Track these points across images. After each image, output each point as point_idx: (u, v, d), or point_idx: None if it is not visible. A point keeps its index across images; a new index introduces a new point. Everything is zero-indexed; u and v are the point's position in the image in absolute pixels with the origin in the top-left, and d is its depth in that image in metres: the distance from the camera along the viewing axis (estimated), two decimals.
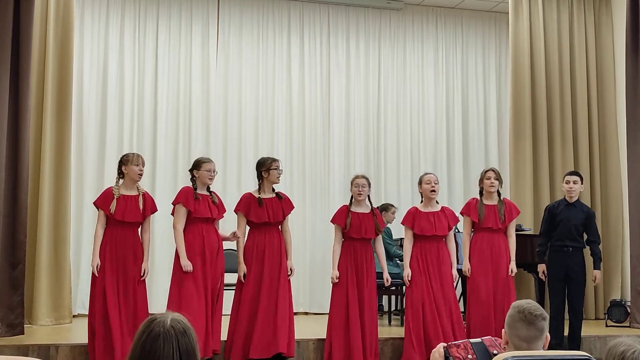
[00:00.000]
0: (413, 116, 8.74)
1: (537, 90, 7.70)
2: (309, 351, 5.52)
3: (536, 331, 2.46)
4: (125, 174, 5.14)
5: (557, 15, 7.88)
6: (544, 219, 5.97)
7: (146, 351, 1.81)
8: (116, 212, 5.02)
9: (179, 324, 1.86)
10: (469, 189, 8.44)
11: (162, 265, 7.42)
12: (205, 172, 5.28)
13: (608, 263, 7.57)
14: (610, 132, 7.79)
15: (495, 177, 5.66)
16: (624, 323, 6.79)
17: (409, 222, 5.56)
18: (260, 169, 5.44)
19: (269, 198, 5.40)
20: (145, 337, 1.82)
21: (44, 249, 6.44)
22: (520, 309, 2.48)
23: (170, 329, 1.83)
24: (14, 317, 5.71)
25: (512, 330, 2.49)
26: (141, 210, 5.12)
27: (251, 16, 8.38)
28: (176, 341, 1.82)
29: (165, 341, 1.81)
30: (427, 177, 5.64)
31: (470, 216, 5.64)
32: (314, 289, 8.04)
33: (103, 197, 5.12)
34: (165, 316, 1.87)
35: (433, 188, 5.56)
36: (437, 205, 5.65)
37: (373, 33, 8.73)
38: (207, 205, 5.24)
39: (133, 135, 7.91)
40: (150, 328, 1.83)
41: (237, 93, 8.26)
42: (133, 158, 5.14)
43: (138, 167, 5.12)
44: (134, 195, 5.14)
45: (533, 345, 2.46)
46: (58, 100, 6.65)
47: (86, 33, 7.84)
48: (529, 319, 2.46)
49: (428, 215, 5.54)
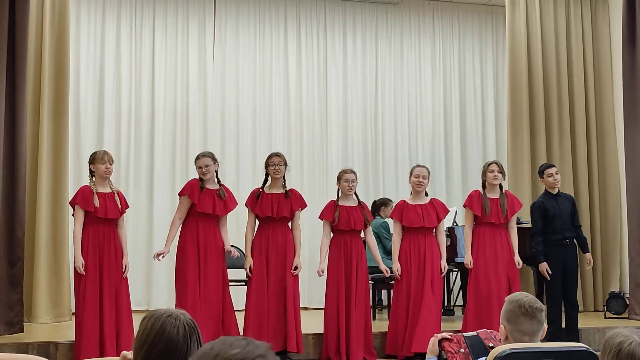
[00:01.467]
0: (411, 110, 8.73)
1: (535, 83, 7.70)
2: (309, 345, 5.53)
3: (538, 324, 2.47)
4: (94, 172, 5.16)
5: (554, 7, 7.88)
6: (536, 217, 5.84)
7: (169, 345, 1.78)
8: (100, 207, 5.03)
9: (191, 318, 1.85)
10: (466, 182, 8.45)
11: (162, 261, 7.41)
12: (197, 168, 5.34)
13: (607, 255, 7.58)
14: (607, 125, 7.79)
15: (499, 169, 5.65)
16: (623, 315, 6.80)
17: (397, 215, 5.57)
18: (265, 164, 5.49)
19: (275, 194, 5.41)
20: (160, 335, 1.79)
21: (42, 246, 6.45)
22: (521, 304, 2.46)
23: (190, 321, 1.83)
24: (13, 315, 5.70)
25: (514, 325, 2.47)
26: (120, 208, 5.15)
27: (248, 12, 8.37)
28: (197, 335, 1.82)
29: (191, 335, 1.80)
30: (416, 170, 5.63)
31: (472, 209, 5.61)
32: (313, 284, 8.02)
33: (82, 195, 5.09)
34: (175, 312, 1.85)
35: (419, 182, 5.56)
36: (425, 197, 5.65)
37: (370, 27, 8.72)
38: (212, 200, 5.26)
39: (130, 132, 7.90)
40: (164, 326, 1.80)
41: (235, 89, 8.25)
42: (99, 156, 5.14)
43: (104, 165, 5.12)
44: (110, 193, 5.16)
45: (535, 338, 2.47)
46: (55, 97, 6.64)
47: (82, 30, 7.83)
48: (530, 312, 2.45)
49: (416, 208, 5.54)
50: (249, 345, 1.24)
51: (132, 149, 7.89)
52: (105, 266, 5.02)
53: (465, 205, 5.71)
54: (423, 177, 5.57)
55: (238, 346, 1.24)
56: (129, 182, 7.77)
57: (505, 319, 2.50)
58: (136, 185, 7.81)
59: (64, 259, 6.59)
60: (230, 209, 5.39)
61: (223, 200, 5.31)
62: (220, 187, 5.36)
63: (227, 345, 1.25)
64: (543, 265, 5.75)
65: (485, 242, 5.58)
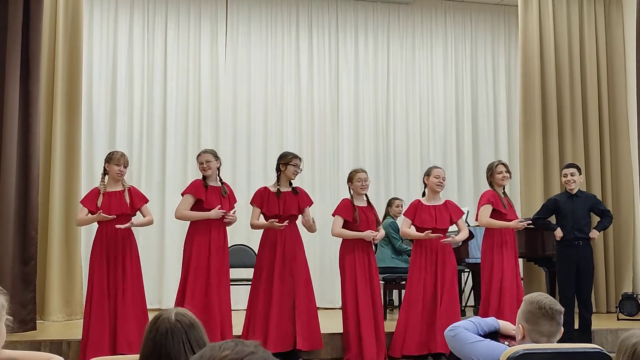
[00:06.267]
0: (422, 110, 8.72)
1: (547, 83, 7.66)
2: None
3: (558, 326, 2.46)
4: (108, 171, 5.20)
5: (567, 7, 7.83)
6: (543, 205, 6.01)
7: (157, 348, 1.83)
8: (102, 207, 5.06)
9: (184, 317, 1.88)
10: (478, 183, 8.41)
11: (171, 260, 7.44)
12: (199, 164, 5.38)
13: (619, 256, 7.54)
14: (621, 125, 7.74)
15: (507, 170, 5.66)
16: (636, 316, 6.75)
17: (411, 214, 5.54)
18: (280, 162, 5.47)
19: (284, 192, 5.42)
20: (154, 335, 1.85)
21: (55, 245, 6.49)
22: (541, 305, 2.44)
23: (176, 323, 1.86)
24: (25, 313, 5.74)
25: (534, 326, 2.45)
26: (128, 204, 5.17)
27: (259, 12, 8.38)
28: (185, 334, 1.84)
29: (174, 335, 1.83)
30: (436, 171, 5.61)
31: (497, 206, 5.56)
32: (324, 283, 8.03)
33: (89, 196, 5.20)
34: (170, 312, 1.90)
35: (439, 182, 5.55)
36: (440, 199, 5.63)
37: (382, 27, 8.71)
38: (218, 197, 5.28)
39: (143, 132, 7.93)
40: (157, 325, 1.87)
41: (246, 88, 8.27)
42: (115, 157, 5.18)
43: (118, 167, 5.16)
44: (119, 191, 5.19)
45: (552, 339, 2.45)
46: (68, 97, 6.68)
47: (95, 30, 7.87)
48: (551, 314, 2.44)
49: (430, 209, 5.53)
50: (237, 346, 1.27)
51: (144, 149, 7.92)
52: (113, 265, 5.04)
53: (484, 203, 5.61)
54: (443, 178, 5.57)
55: (227, 348, 1.27)
56: (140, 181, 7.79)
57: (524, 319, 2.48)
58: (148, 184, 7.84)
59: (77, 258, 6.62)
60: (232, 206, 5.39)
61: (226, 198, 5.33)
62: (222, 185, 5.38)
63: (216, 349, 1.28)
64: (557, 231, 5.78)
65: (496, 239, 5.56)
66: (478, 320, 2.73)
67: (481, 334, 2.66)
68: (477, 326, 2.68)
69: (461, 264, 6.80)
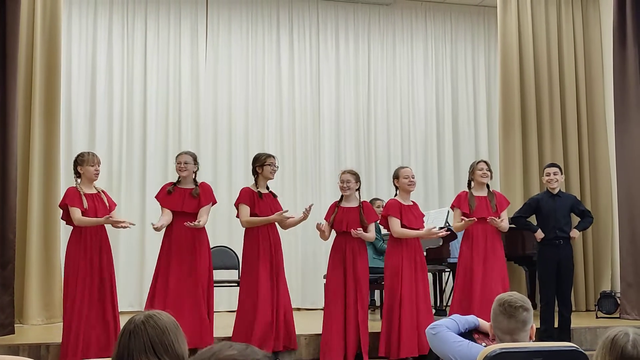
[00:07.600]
0: (403, 111, 8.75)
1: (526, 83, 7.72)
2: (301, 346, 5.52)
3: (517, 323, 2.45)
4: (81, 174, 5.10)
5: (545, 8, 7.90)
6: (525, 204, 6.04)
7: (120, 348, 1.87)
8: (89, 210, 5.00)
9: (152, 319, 1.89)
10: (459, 182, 8.45)
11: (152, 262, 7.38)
12: (177, 164, 5.37)
13: (598, 255, 7.61)
14: (598, 125, 7.82)
15: (487, 168, 5.67)
16: (614, 314, 6.82)
17: (398, 214, 5.50)
18: (255, 165, 5.45)
19: (265, 194, 5.42)
20: (121, 335, 1.90)
21: (34, 248, 6.43)
22: (501, 302, 2.47)
23: (140, 324, 1.88)
24: (4, 316, 5.69)
25: (495, 324, 2.49)
26: (107, 207, 5.14)
27: (240, 13, 8.37)
28: (146, 334, 1.86)
29: (135, 336, 1.86)
30: (404, 171, 5.57)
31: (460, 207, 5.61)
32: (306, 285, 8.04)
33: (71, 196, 5.02)
34: (141, 314, 1.93)
35: (411, 182, 5.54)
36: (409, 199, 5.64)
37: (362, 28, 8.73)
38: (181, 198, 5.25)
39: (123, 133, 7.89)
40: (124, 326, 1.91)
41: (227, 90, 8.25)
42: (89, 158, 5.09)
43: (94, 167, 5.09)
44: (96, 194, 5.14)
45: (516, 337, 2.45)
46: (46, 99, 6.62)
47: (74, 31, 7.82)
48: (509, 311, 2.45)
49: (410, 209, 5.54)
50: (247, 349, 1.30)
51: (124, 150, 7.87)
52: (92, 267, 4.98)
53: (453, 206, 5.68)
54: (412, 176, 5.57)
55: (237, 348, 1.30)
56: (121, 183, 7.76)
57: (491, 318, 2.52)
58: (128, 186, 7.80)
59: (55, 261, 6.56)
60: (203, 204, 5.29)
61: (197, 198, 5.28)
62: (195, 187, 5.33)
63: (226, 346, 1.31)
64: (538, 233, 5.80)
65: (477, 237, 5.54)
66: (459, 318, 2.74)
67: (462, 331, 2.68)
68: (458, 324, 2.70)
69: (442, 264, 6.83)
